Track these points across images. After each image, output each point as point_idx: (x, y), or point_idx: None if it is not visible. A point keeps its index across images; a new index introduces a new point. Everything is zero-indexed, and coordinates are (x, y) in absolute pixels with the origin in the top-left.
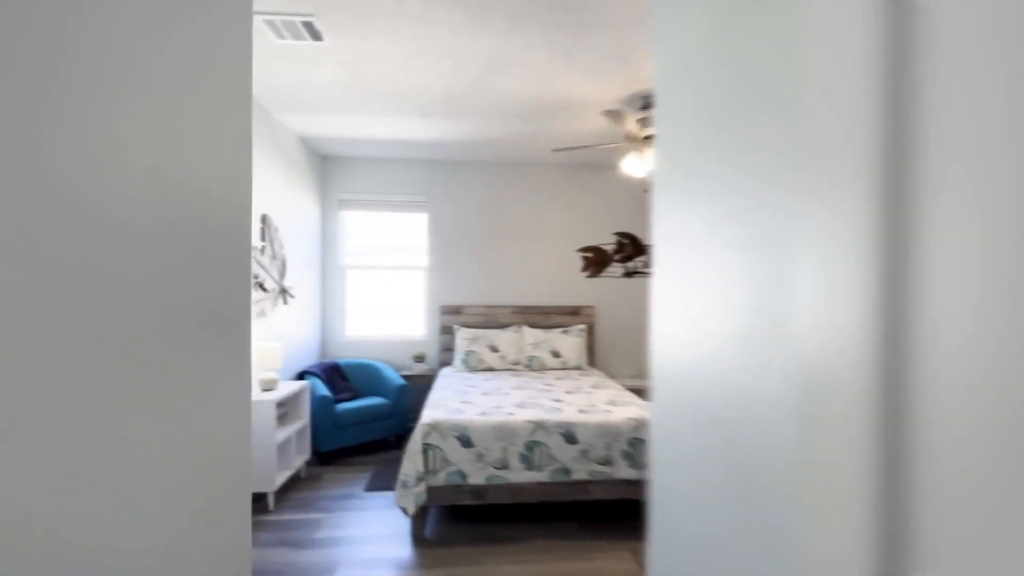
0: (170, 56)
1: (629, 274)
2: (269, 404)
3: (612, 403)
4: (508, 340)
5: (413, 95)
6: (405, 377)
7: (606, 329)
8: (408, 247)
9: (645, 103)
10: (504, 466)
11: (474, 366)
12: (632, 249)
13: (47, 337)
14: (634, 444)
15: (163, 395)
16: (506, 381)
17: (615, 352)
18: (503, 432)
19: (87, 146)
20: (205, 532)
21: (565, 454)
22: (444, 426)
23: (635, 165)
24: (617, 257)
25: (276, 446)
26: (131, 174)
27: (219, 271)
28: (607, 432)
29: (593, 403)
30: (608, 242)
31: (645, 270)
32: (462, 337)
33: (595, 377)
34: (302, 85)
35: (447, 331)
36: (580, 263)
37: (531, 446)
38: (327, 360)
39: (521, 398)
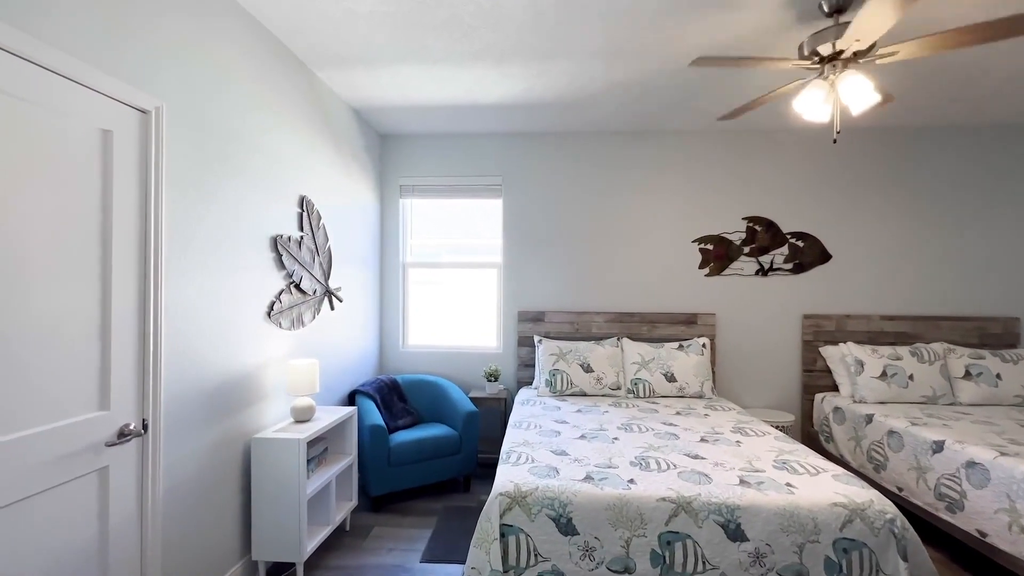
0: None
1: (764, 271)
2: (295, 444)
3: (785, 466)
4: (605, 357)
5: (484, 23)
6: (475, 400)
7: (730, 344)
8: (479, 246)
9: None
10: (625, 569)
11: (561, 390)
12: (768, 238)
13: None
14: (847, 550)
15: None
16: (608, 415)
17: (743, 374)
18: (623, 514)
19: None
20: None
21: (725, 556)
22: (532, 499)
23: (817, 103)
24: (747, 249)
25: (306, 501)
26: None
27: None
28: (796, 524)
29: (755, 463)
30: (735, 230)
31: (786, 266)
32: (545, 352)
33: (730, 412)
34: (339, 20)
35: (526, 342)
36: (698, 257)
37: (669, 540)
38: (384, 376)
39: (638, 448)
